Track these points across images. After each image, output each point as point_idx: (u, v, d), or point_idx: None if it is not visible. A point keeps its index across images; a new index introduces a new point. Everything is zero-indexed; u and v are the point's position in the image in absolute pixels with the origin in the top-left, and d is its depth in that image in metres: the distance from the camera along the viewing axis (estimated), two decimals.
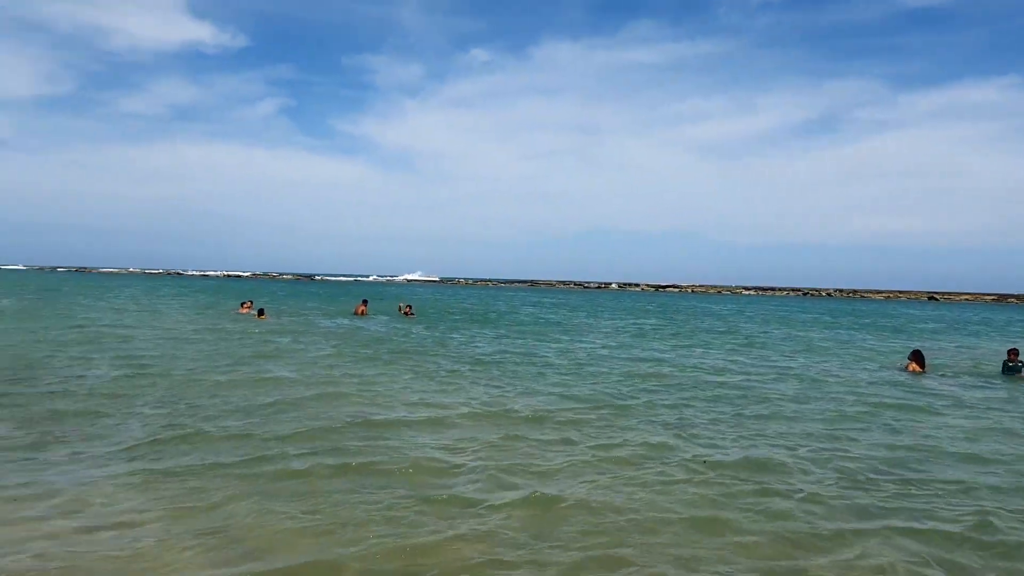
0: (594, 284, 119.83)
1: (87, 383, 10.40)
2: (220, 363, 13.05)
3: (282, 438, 7.34)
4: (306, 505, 5.33)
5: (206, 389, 10.21)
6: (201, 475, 6.02)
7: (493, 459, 6.78)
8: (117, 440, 7.18)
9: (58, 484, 5.65)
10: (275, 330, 21.02)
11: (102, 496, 5.40)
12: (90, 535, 4.65)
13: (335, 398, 9.71)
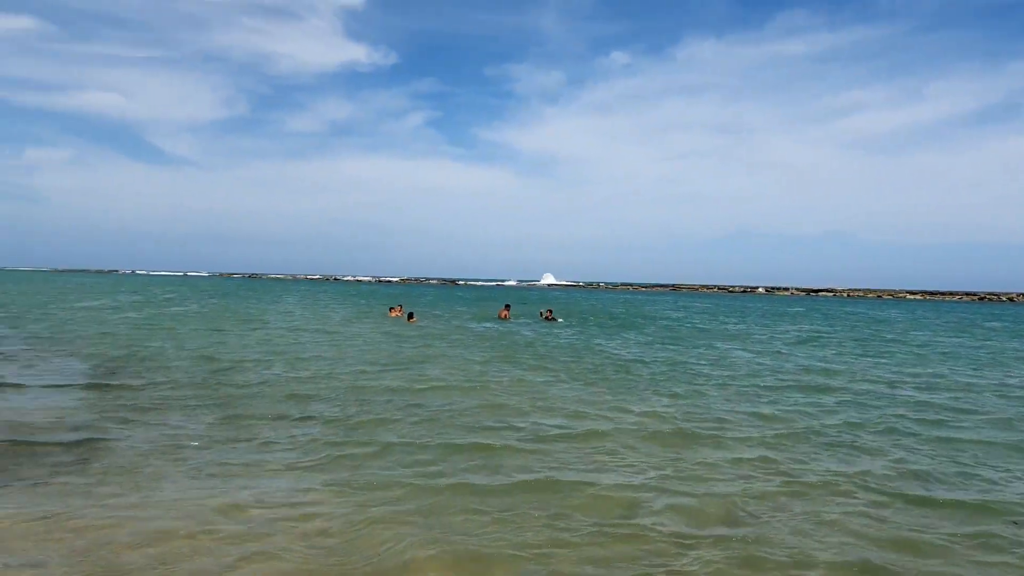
0: (739, 288, 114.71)
1: (267, 383, 11.00)
2: (384, 366, 13.40)
3: (453, 448, 7.20)
4: (488, 525, 5.06)
5: (376, 393, 10.42)
6: (379, 482, 5.95)
7: (677, 485, 6.19)
8: (300, 440, 7.43)
9: (248, 482, 5.78)
10: (428, 333, 21.53)
11: (288, 496, 5.45)
12: (287, 535, 4.64)
13: (497, 408, 9.47)
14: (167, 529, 4.71)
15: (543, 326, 26.95)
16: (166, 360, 13.46)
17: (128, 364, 12.80)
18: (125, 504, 5.21)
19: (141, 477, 5.91)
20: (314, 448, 7.11)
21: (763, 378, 13.32)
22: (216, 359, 13.85)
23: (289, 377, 11.72)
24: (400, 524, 4.97)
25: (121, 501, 5.29)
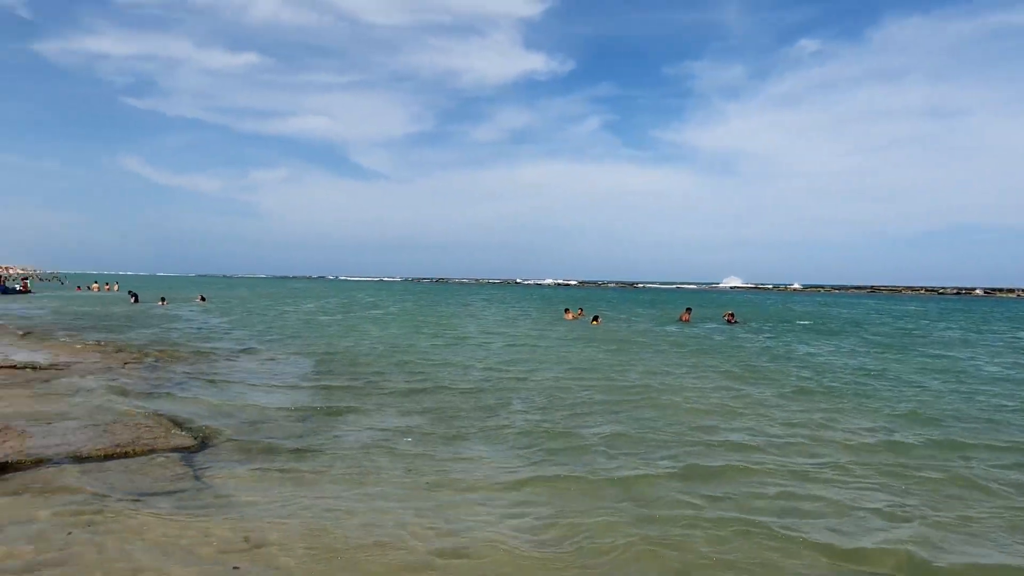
0: (952, 290, 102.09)
1: (470, 383, 11.35)
2: (579, 368, 13.35)
3: (664, 454, 6.91)
4: (714, 550, 4.75)
5: (577, 394, 10.37)
6: (592, 483, 5.80)
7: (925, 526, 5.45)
8: (508, 439, 7.52)
9: (459, 478, 5.92)
10: (615, 336, 21.32)
11: (500, 492, 5.50)
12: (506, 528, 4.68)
13: (704, 413, 9.03)
14: (383, 519, 4.91)
15: (730, 330, 25.73)
16: (376, 359, 14.42)
17: (343, 362, 13.84)
18: (348, 494, 5.50)
19: (360, 469, 6.20)
20: (523, 447, 7.15)
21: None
22: (419, 359, 14.57)
23: (489, 378, 12.03)
24: (615, 527, 4.81)
25: (343, 490, 5.57)
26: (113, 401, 8.78)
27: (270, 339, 18.88)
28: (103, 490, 5.27)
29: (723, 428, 8.27)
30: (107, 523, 4.57)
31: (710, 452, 7.11)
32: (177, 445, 6.61)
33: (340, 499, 5.36)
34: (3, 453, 5.73)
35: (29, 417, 7.45)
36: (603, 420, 8.60)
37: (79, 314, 28.14)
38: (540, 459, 6.72)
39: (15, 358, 12.31)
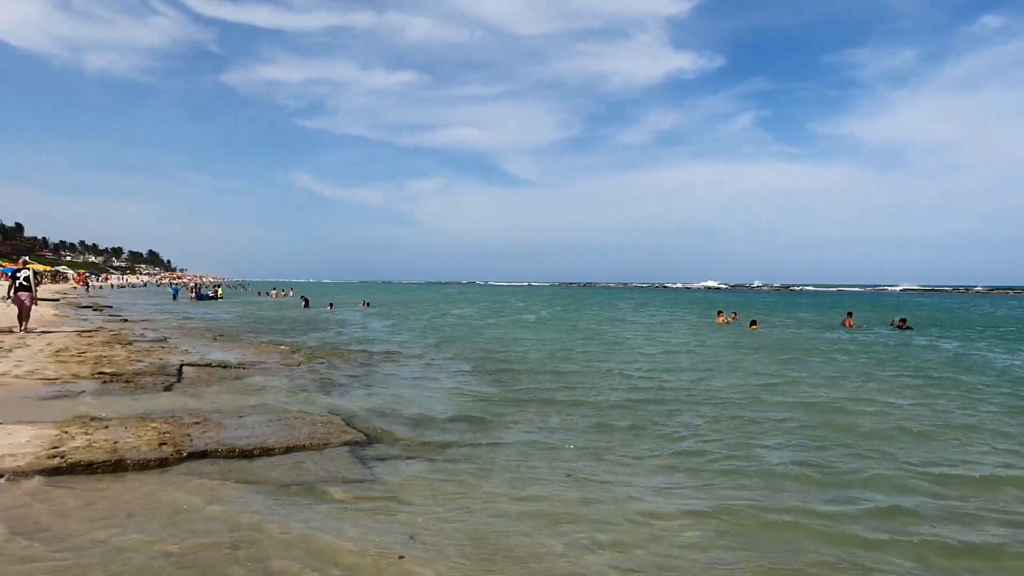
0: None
1: (631, 390, 11.06)
2: (745, 375, 12.74)
3: (855, 479, 6.35)
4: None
5: (748, 409, 9.61)
6: (771, 526, 5.40)
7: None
8: (672, 450, 7.19)
9: (622, 489, 5.76)
10: (777, 343, 20.15)
11: (662, 503, 5.28)
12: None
13: (914, 437, 7.95)
14: (543, 528, 4.85)
15: (904, 336, 23.47)
16: (532, 364, 14.48)
17: (500, 367, 14.03)
18: (509, 499, 5.49)
19: (521, 476, 6.15)
20: (695, 467, 6.68)
21: None
22: (576, 365, 14.47)
23: (651, 386, 11.62)
24: (787, 551, 4.44)
25: (504, 495, 5.53)
26: (291, 398, 9.49)
27: (430, 343, 19.67)
28: (286, 479, 5.68)
29: (947, 457, 7.02)
30: (289, 510, 4.90)
31: (942, 490, 5.92)
32: (348, 441, 6.98)
33: (501, 504, 5.35)
34: (204, 442, 6.34)
35: (223, 411, 8.23)
36: (787, 441, 7.74)
37: (260, 318, 30.93)
38: (716, 483, 6.10)
39: (210, 357, 13.70)
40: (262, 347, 16.65)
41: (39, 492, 5.00)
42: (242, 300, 55.24)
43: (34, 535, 4.22)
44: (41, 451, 5.66)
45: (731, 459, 6.88)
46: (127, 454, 5.78)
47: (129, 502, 4.89)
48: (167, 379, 10.25)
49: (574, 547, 4.50)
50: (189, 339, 18.08)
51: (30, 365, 10.96)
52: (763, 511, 5.29)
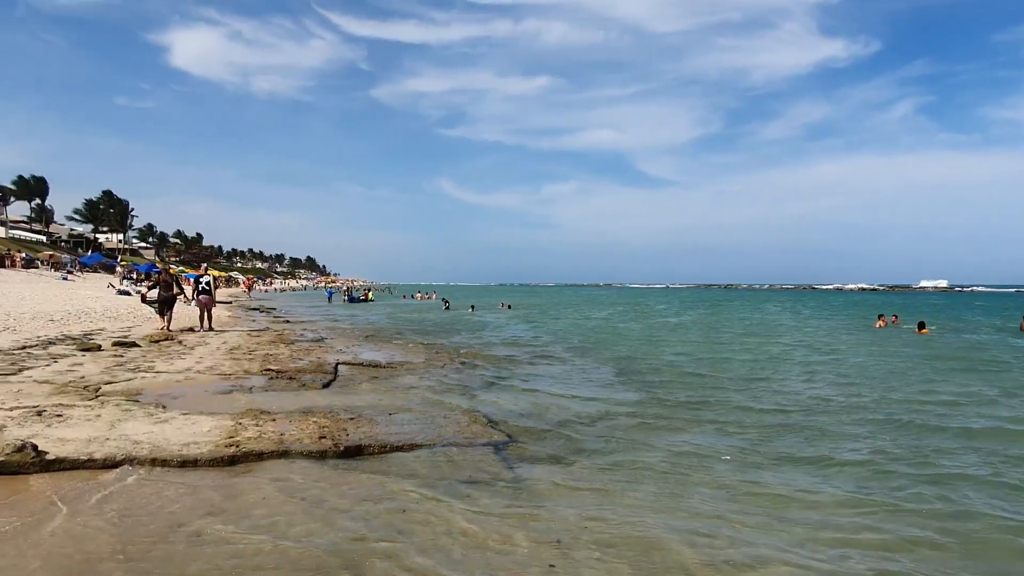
0: None
1: (793, 399, 10.43)
2: (917, 391, 11.54)
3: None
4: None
5: (928, 431, 8.34)
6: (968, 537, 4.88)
7: None
8: (846, 467, 6.59)
9: (792, 511, 5.42)
10: (950, 351, 18.34)
11: (838, 526, 4.89)
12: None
13: None
14: (701, 542, 4.63)
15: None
16: (681, 370, 13.98)
17: (645, 372, 13.67)
18: (659, 509, 5.29)
19: (671, 485, 5.90)
20: (863, 476, 6.18)
21: None
22: (727, 371, 13.85)
23: (810, 397, 10.74)
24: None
25: (654, 504, 5.36)
26: (437, 397, 9.81)
27: (572, 345, 19.70)
28: (433, 476, 5.86)
29: None
30: (436, 507, 5.03)
31: None
32: (491, 440, 7.10)
33: (650, 513, 5.15)
34: (359, 437, 6.70)
35: (375, 407, 8.66)
36: (984, 476, 6.45)
37: (406, 319, 32.40)
38: (900, 511, 5.41)
39: (362, 357, 14.51)
40: (409, 347, 17.41)
41: (217, 477, 5.49)
42: (389, 302, 58.22)
43: (217, 516, 4.63)
44: (220, 440, 6.21)
45: (916, 493, 5.83)
46: (291, 446, 6.21)
47: (292, 490, 5.24)
48: (325, 376, 10.94)
49: (739, 568, 4.23)
50: (343, 339, 19.26)
51: (209, 362, 12.12)
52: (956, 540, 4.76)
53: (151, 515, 4.57)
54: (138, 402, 7.95)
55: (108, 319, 20.14)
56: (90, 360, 11.28)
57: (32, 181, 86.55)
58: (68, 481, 5.17)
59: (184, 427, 6.64)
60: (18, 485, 5.04)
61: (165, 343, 14.64)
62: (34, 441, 5.59)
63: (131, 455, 5.63)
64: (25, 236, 76.77)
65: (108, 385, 9.07)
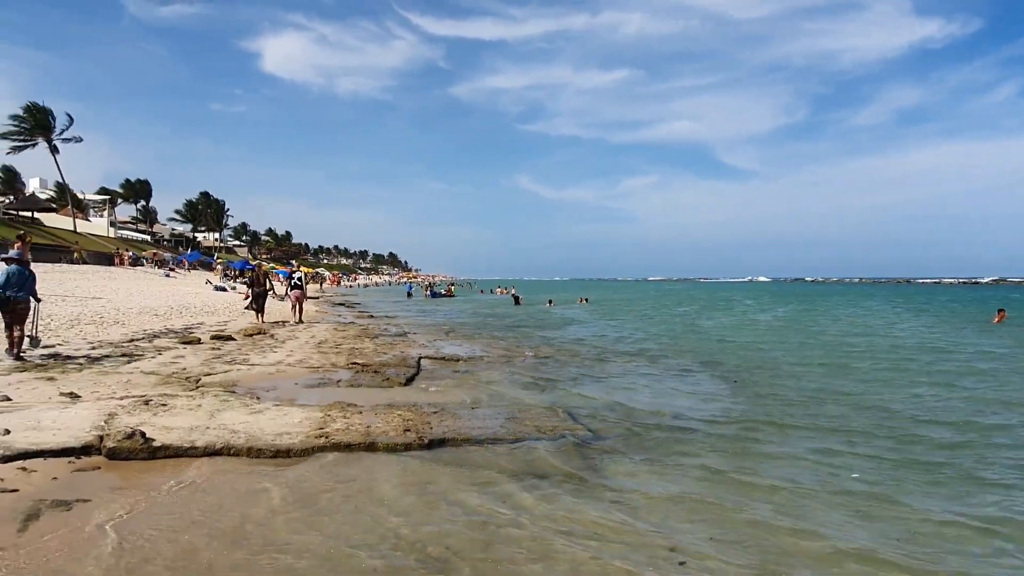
0: None
1: (919, 403, 9.53)
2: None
3: None
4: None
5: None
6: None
7: None
8: (987, 486, 5.82)
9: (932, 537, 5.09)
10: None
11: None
12: None
13: None
14: (831, 559, 4.42)
15: None
16: (777, 369, 13.14)
17: (737, 370, 13.01)
18: (779, 519, 5.05)
19: (787, 496, 5.43)
20: (1007, 502, 5.37)
21: None
22: (832, 372, 12.76)
23: (951, 407, 9.26)
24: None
25: (772, 514, 5.06)
26: (517, 392, 9.82)
27: (654, 341, 19.37)
28: (516, 469, 5.86)
29: None
30: (524, 501, 5.03)
31: None
32: (573, 435, 7.05)
33: (767, 534, 4.70)
34: (442, 430, 6.79)
35: (457, 401, 8.77)
36: None
37: (486, 314, 32.68)
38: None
39: (444, 351, 14.73)
40: (490, 342, 17.55)
41: (309, 467, 5.68)
42: (470, 297, 58.92)
43: (311, 505, 4.79)
44: (311, 431, 6.43)
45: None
46: (378, 438, 6.36)
47: (382, 481, 5.36)
48: (408, 370, 11.16)
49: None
50: (425, 334, 19.62)
51: (299, 355, 12.58)
52: None
53: (250, 501, 4.77)
54: (234, 393, 8.33)
55: (206, 314, 21.23)
56: (190, 353, 11.92)
57: (137, 184, 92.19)
58: (175, 467, 5.47)
59: (277, 418, 6.90)
60: (131, 470, 5.37)
61: (258, 337, 15.31)
62: (142, 429, 5.94)
63: (229, 444, 5.90)
64: (132, 236, 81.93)
65: (207, 377, 9.56)
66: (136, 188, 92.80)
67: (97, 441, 5.71)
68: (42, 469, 5.16)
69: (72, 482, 4.98)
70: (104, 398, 7.56)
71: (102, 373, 9.27)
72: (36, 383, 8.25)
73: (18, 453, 5.31)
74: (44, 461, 5.31)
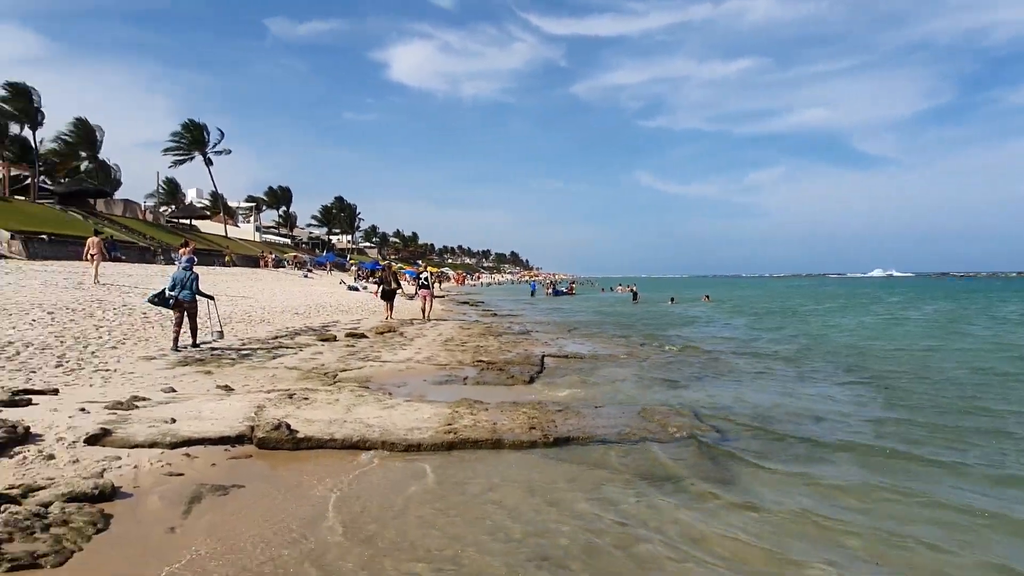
0: None
1: None
2: None
3: None
4: None
5: None
6: None
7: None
8: None
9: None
10: None
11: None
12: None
13: None
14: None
15: None
16: (946, 376, 11.55)
17: (884, 375, 11.92)
18: (914, 533, 4.74)
19: (947, 515, 4.91)
20: None
21: None
22: (1016, 381, 11.04)
23: None
24: None
25: (922, 533, 4.78)
26: (642, 390, 9.65)
27: (785, 340, 18.48)
28: (643, 470, 5.75)
29: None
30: (653, 508, 4.93)
31: None
32: (701, 437, 6.83)
33: (941, 546, 4.34)
34: (567, 429, 6.79)
35: (581, 399, 8.74)
36: None
37: (608, 312, 32.43)
38: None
39: (567, 349, 14.74)
40: (612, 340, 17.39)
41: (441, 461, 5.86)
42: (591, 296, 58.66)
43: (444, 499, 4.94)
44: (439, 427, 6.63)
45: None
46: (504, 435, 6.46)
47: (512, 480, 5.44)
48: (532, 368, 11.26)
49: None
50: (547, 332, 19.73)
51: (427, 352, 13.02)
52: None
53: (387, 495, 4.99)
54: (368, 388, 8.75)
55: (340, 312, 22.44)
56: (328, 349, 12.64)
57: (280, 191, 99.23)
58: (316, 458, 5.82)
59: (408, 413, 7.18)
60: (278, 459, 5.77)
61: (388, 334, 15.99)
62: (287, 421, 6.36)
63: (364, 437, 6.20)
64: (274, 239, 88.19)
65: (343, 372, 10.10)
66: (278, 195, 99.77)
67: (249, 431, 6.17)
68: (203, 456, 5.64)
69: (228, 469, 5.41)
70: (253, 391, 8.17)
71: (251, 368, 10.02)
72: (196, 376, 9.06)
73: (183, 440, 5.84)
74: (204, 448, 5.80)
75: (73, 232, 35.10)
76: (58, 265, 25.61)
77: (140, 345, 11.25)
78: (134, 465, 5.21)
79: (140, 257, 38.17)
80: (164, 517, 4.33)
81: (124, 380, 8.47)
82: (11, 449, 5.24)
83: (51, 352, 9.61)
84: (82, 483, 4.54)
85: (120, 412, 6.60)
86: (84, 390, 7.70)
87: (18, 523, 3.85)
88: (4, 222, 31.03)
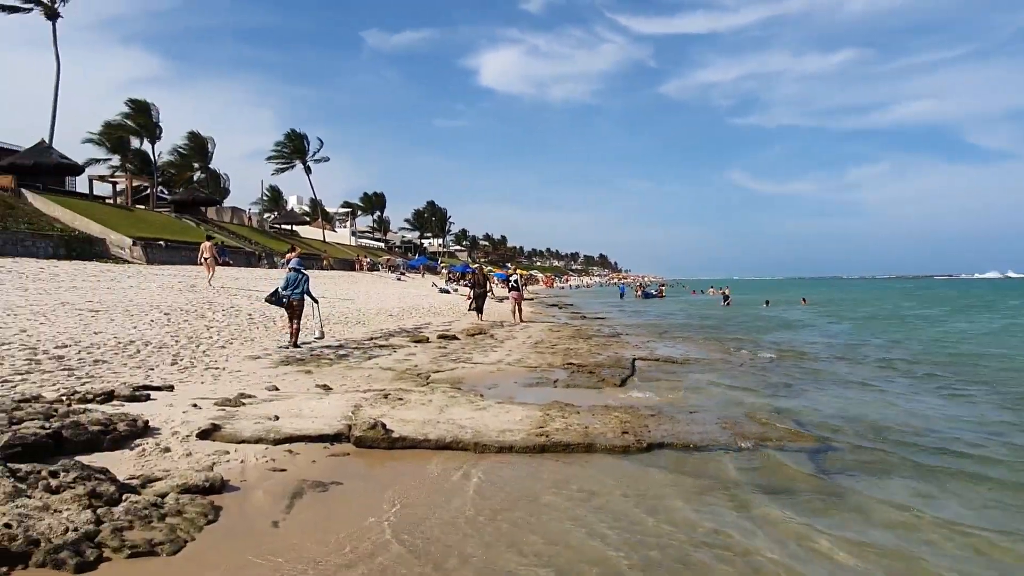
0: None
1: None
2: None
3: None
4: None
5: None
6: None
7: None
8: None
9: None
10: None
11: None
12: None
13: None
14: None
15: None
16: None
17: (999, 387, 11.01)
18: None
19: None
20: None
21: None
22: None
23: None
24: None
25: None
26: (737, 396, 9.30)
27: (896, 349, 17.41)
28: (741, 479, 5.53)
29: None
30: (752, 518, 4.72)
31: None
32: (802, 445, 6.52)
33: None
34: (660, 434, 6.62)
35: (673, 404, 8.52)
36: None
37: (698, 315, 31.59)
38: None
39: (658, 353, 14.44)
40: (705, 344, 16.91)
41: (534, 463, 5.84)
42: (681, 298, 57.37)
43: (530, 503, 4.92)
44: (531, 429, 6.61)
45: None
46: (596, 439, 6.36)
47: (606, 486, 5.35)
48: (622, 371, 11.09)
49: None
50: (637, 335, 19.41)
51: (517, 354, 13.07)
52: None
53: (484, 493, 5.01)
54: (460, 390, 8.85)
55: (432, 314, 22.90)
56: (420, 351, 12.90)
57: (374, 197, 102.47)
58: (411, 457, 5.92)
59: (499, 415, 7.20)
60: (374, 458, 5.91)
61: (479, 336, 16.16)
62: (383, 420, 6.51)
63: (457, 438, 6.26)
64: (369, 243, 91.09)
65: (436, 373, 10.27)
66: (373, 200, 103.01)
67: (346, 430, 6.35)
68: (304, 452, 5.85)
69: (327, 466, 5.58)
70: (350, 391, 8.42)
71: (348, 368, 10.35)
72: (297, 375, 9.44)
73: (285, 437, 6.07)
74: (305, 445, 6.01)
75: (185, 238, 37.47)
76: (173, 269, 27.40)
77: (246, 345, 11.85)
78: (241, 460, 5.46)
79: (246, 261, 40.26)
80: (269, 511, 4.51)
81: (232, 378, 8.93)
82: (132, 441, 5.62)
83: (167, 351, 10.27)
84: (195, 475, 4.79)
85: (228, 408, 6.96)
86: (196, 387, 8.17)
87: (138, 512, 4.10)
88: (127, 230, 33.45)
